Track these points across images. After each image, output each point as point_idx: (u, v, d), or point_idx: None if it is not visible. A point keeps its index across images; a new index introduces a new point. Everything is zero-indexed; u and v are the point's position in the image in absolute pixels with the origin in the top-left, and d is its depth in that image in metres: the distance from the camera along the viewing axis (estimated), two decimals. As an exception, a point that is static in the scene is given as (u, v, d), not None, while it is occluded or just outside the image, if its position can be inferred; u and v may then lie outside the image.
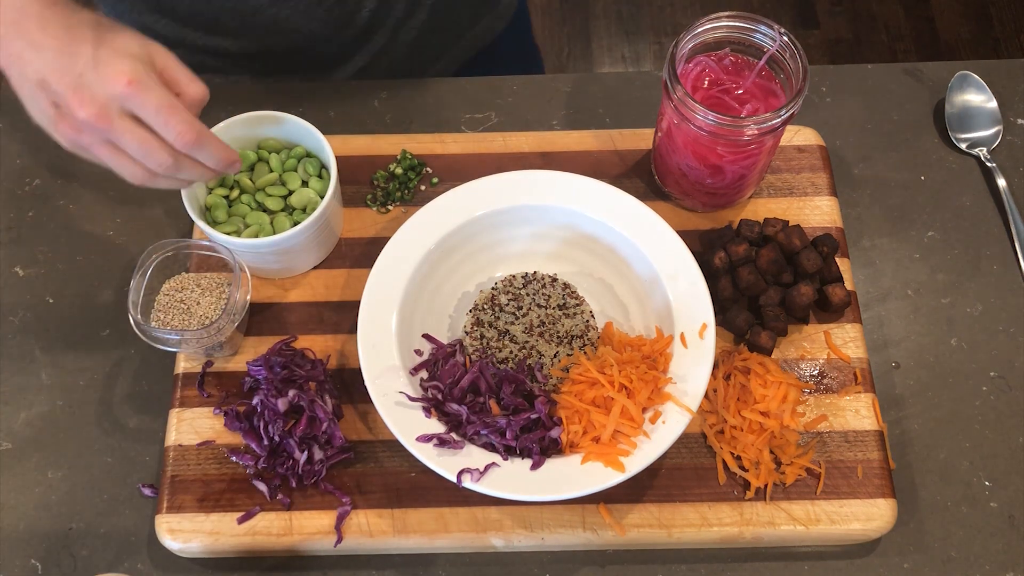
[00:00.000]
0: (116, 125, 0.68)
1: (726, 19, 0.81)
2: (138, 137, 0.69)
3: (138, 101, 0.68)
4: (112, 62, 0.68)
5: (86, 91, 0.67)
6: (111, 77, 0.67)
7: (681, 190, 0.88)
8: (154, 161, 0.70)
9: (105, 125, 0.68)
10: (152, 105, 0.68)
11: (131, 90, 0.67)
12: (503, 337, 0.81)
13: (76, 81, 0.67)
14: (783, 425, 0.78)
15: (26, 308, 0.88)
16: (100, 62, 0.68)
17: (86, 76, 0.67)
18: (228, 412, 0.79)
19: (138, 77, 0.68)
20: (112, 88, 0.67)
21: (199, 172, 0.73)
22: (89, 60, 0.68)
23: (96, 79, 0.67)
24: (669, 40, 2.19)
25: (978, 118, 0.96)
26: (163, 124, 0.69)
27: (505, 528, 0.76)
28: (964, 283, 0.89)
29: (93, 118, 0.67)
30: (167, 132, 0.69)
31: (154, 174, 0.72)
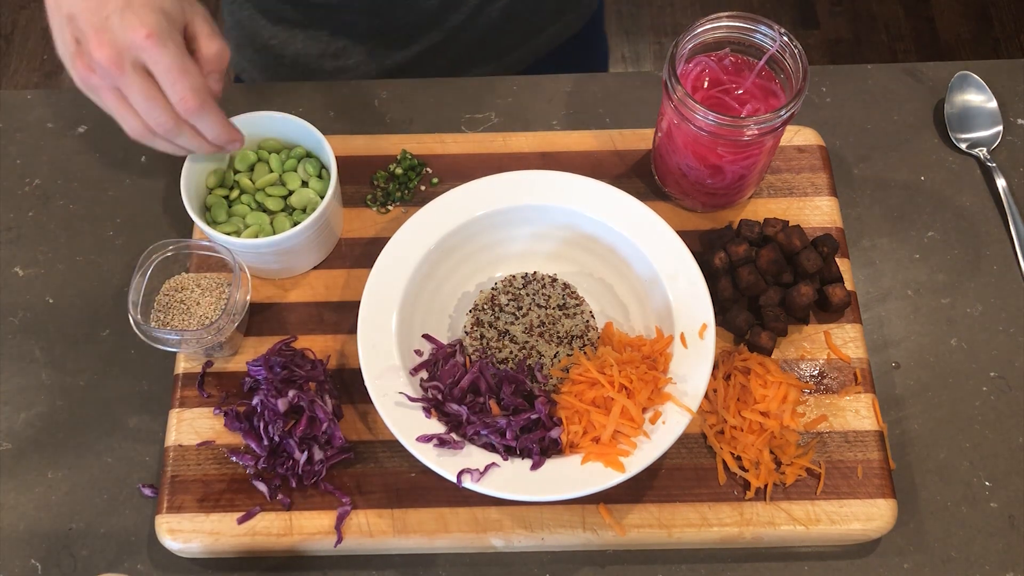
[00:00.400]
0: (127, 74, 0.69)
1: (726, 19, 0.81)
2: (144, 91, 0.69)
3: (152, 55, 0.68)
4: (139, 12, 0.69)
5: (107, 34, 0.68)
6: (133, 26, 0.68)
7: (681, 190, 0.88)
8: (154, 119, 0.70)
9: (117, 71, 0.68)
10: (164, 62, 0.69)
11: (148, 43, 0.68)
12: (503, 337, 0.81)
13: (101, 23, 0.68)
14: (783, 425, 0.78)
15: (26, 308, 0.88)
16: (128, 8, 0.68)
17: (112, 20, 0.68)
18: (228, 412, 0.79)
19: (158, 31, 0.69)
20: (131, 37, 0.68)
21: (197, 142, 0.74)
22: (119, 5, 0.68)
23: (119, 24, 0.68)
24: (669, 40, 2.19)
25: (978, 118, 0.96)
26: (170, 84, 0.69)
27: (505, 528, 0.76)
28: (964, 283, 0.89)
29: (107, 61, 0.68)
30: (172, 93, 0.70)
31: (153, 132, 0.72)
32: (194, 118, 0.71)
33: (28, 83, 2.17)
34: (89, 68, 0.70)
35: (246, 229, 0.82)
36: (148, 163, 0.94)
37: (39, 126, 0.97)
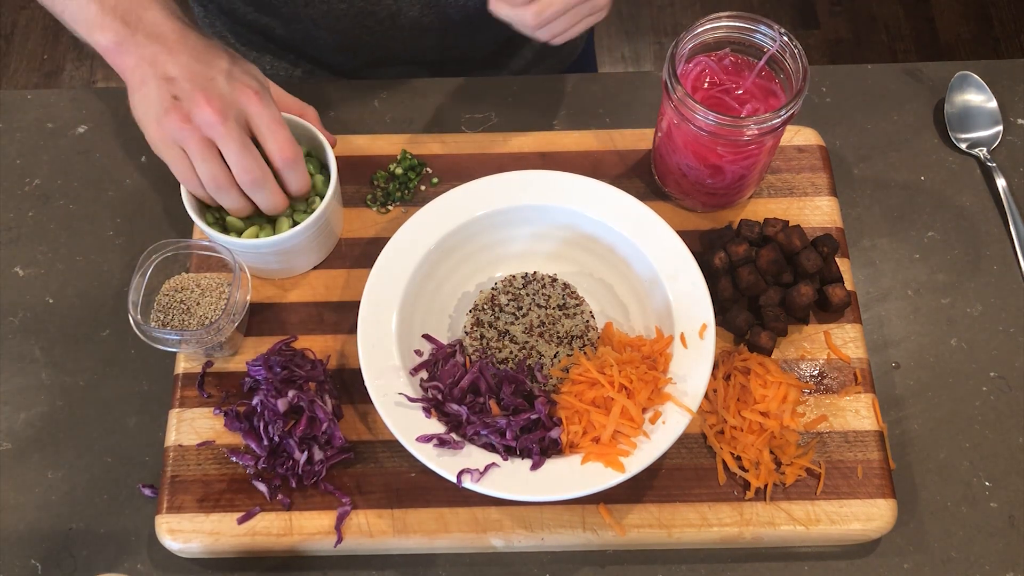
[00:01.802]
0: (229, 126, 0.74)
1: (726, 19, 0.81)
2: (242, 142, 0.74)
3: (258, 110, 0.75)
4: (244, 78, 0.76)
5: (215, 92, 0.74)
6: (240, 87, 0.75)
7: (681, 190, 0.88)
8: (246, 168, 0.75)
9: (220, 122, 0.73)
10: (268, 115, 0.76)
11: (255, 98, 0.75)
12: (503, 337, 0.81)
13: (208, 84, 0.74)
14: (783, 425, 0.78)
15: (26, 308, 0.88)
16: (234, 76, 0.76)
17: (218, 82, 0.74)
18: (228, 412, 0.79)
19: (263, 91, 0.76)
20: (241, 96, 0.75)
21: (274, 198, 0.78)
22: (225, 71, 0.75)
23: (226, 85, 0.75)
24: (669, 40, 2.19)
25: (978, 118, 0.96)
26: (272, 135, 0.76)
27: (505, 528, 0.76)
28: (964, 283, 0.89)
29: (214, 114, 0.73)
30: (273, 143, 0.76)
31: (226, 184, 0.76)
32: (289, 167, 0.77)
33: (28, 83, 2.17)
34: (184, 120, 0.73)
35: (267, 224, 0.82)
36: (148, 163, 0.94)
37: (39, 126, 0.97)
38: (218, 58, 0.76)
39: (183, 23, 0.77)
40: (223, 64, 0.76)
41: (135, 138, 0.76)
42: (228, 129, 0.74)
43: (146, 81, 0.75)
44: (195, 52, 0.75)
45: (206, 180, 0.75)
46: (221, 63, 0.76)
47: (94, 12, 0.76)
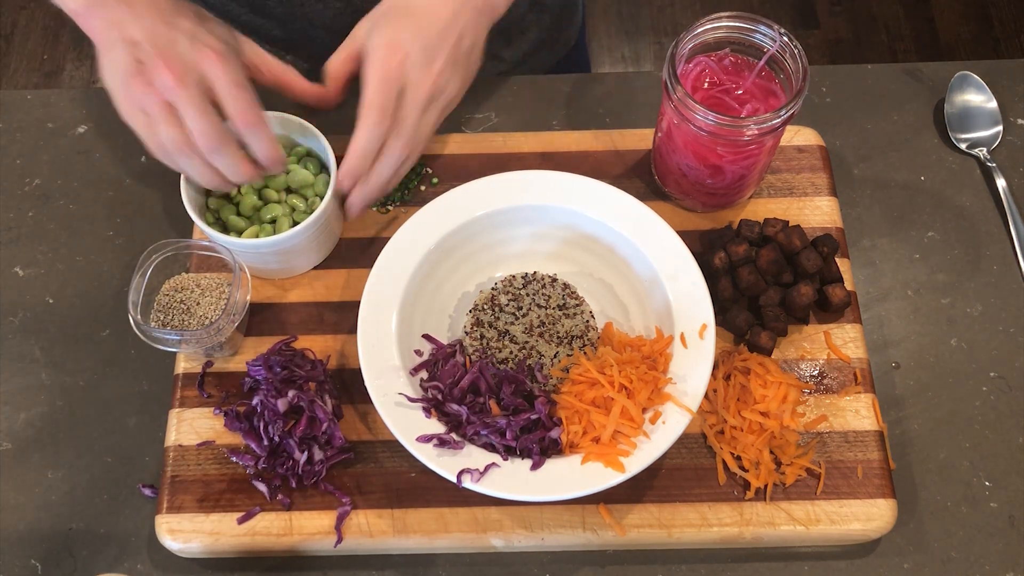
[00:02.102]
0: (188, 88, 0.72)
1: (726, 19, 0.81)
2: (200, 105, 0.73)
3: (218, 71, 0.73)
4: (209, 39, 0.74)
5: (176, 55, 0.73)
6: (201, 48, 0.73)
7: (681, 190, 0.88)
8: (202, 131, 0.73)
9: (179, 86, 0.72)
10: (228, 78, 0.74)
11: (217, 59, 0.73)
12: (503, 337, 0.81)
13: (169, 46, 0.73)
14: (783, 425, 0.78)
15: (26, 308, 0.88)
16: (197, 37, 0.74)
17: (180, 44, 0.73)
18: (228, 412, 0.79)
19: (225, 53, 0.74)
20: (202, 59, 0.73)
21: (235, 162, 0.75)
22: (188, 32, 0.74)
23: (188, 47, 0.73)
24: (669, 40, 2.19)
25: (978, 118, 0.96)
26: (232, 98, 0.74)
27: (505, 528, 0.76)
28: (964, 283, 0.89)
29: (172, 78, 0.72)
30: (232, 106, 0.74)
31: (186, 148, 0.74)
32: (249, 131, 0.75)
33: (28, 83, 2.17)
34: (147, 84, 0.73)
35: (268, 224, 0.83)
36: (148, 163, 0.94)
37: (39, 126, 0.97)
38: (183, 18, 0.75)
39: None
40: (187, 25, 0.74)
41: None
42: (187, 93, 0.72)
43: (112, 45, 0.74)
44: (160, 13, 0.74)
45: (166, 143, 0.74)
46: (185, 23, 0.74)
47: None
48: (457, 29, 0.79)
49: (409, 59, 0.77)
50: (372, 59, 0.77)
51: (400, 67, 0.77)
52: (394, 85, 0.77)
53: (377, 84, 0.76)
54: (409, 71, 0.77)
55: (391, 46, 0.77)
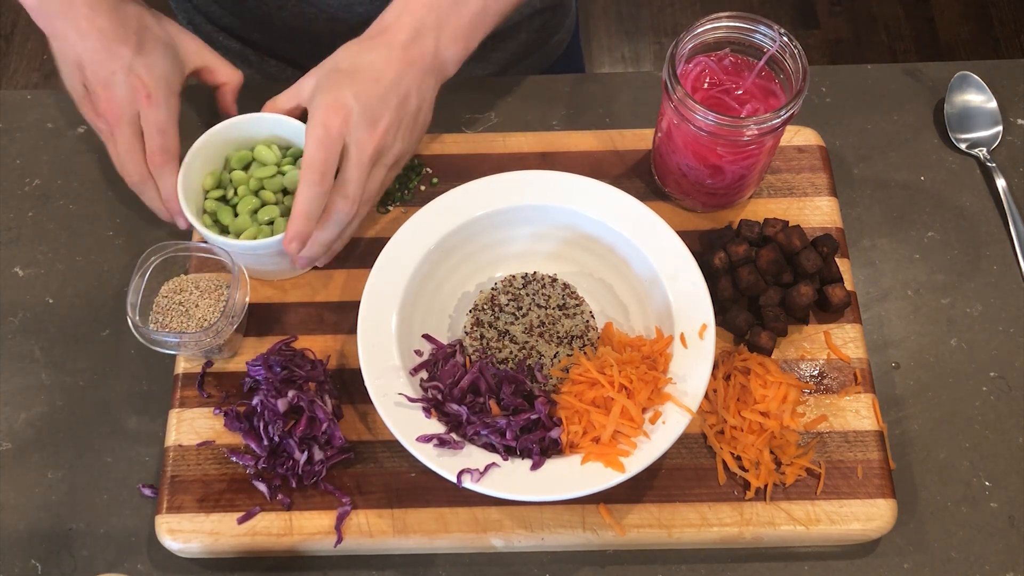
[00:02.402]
0: (121, 127, 0.79)
1: (726, 19, 0.81)
2: (127, 144, 0.79)
3: (146, 113, 0.79)
4: (143, 73, 0.79)
5: (113, 90, 0.78)
6: (136, 87, 0.78)
7: (681, 190, 0.88)
8: (125, 168, 0.80)
9: (115, 125, 0.79)
10: (153, 122, 0.79)
11: (146, 103, 0.78)
12: (503, 337, 0.81)
13: (108, 78, 0.78)
14: (783, 425, 0.78)
15: (26, 308, 0.88)
16: (134, 71, 0.78)
17: (117, 76, 0.78)
18: (228, 412, 0.79)
19: (156, 94, 0.79)
20: (135, 98, 0.78)
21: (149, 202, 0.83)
22: (125, 65, 0.78)
23: (124, 83, 0.78)
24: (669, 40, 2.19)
25: (978, 118, 0.96)
26: (149, 138, 0.79)
27: (505, 528, 0.76)
28: (964, 283, 0.89)
29: (110, 116, 0.78)
30: (149, 148, 0.80)
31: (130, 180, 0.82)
32: (156, 172, 0.80)
33: (28, 83, 2.17)
34: (95, 114, 0.81)
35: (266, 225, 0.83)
36: (148, 163, 0.94)
37: (39, 126, 0.97)
38: (122, 45, 0.78)
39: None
40: (126, 55, 0.78)
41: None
42: (119, 132, 0.79)
43: (63, 58, 0.80)
44: (102, 35, 0.78)
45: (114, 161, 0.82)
46: (124, 53, 0.78)
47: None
48: (402, 90, 0.78)
49: (351, 119, 0.75)
50: (313, 119, 0.75)
51: (342, 127, 0.75)
52: (335, 145, 0.75)
53: (316, 144, 0.74)
54: (351, 131, 0.75)
55: (333, 106, 0.75)
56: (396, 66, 0.78)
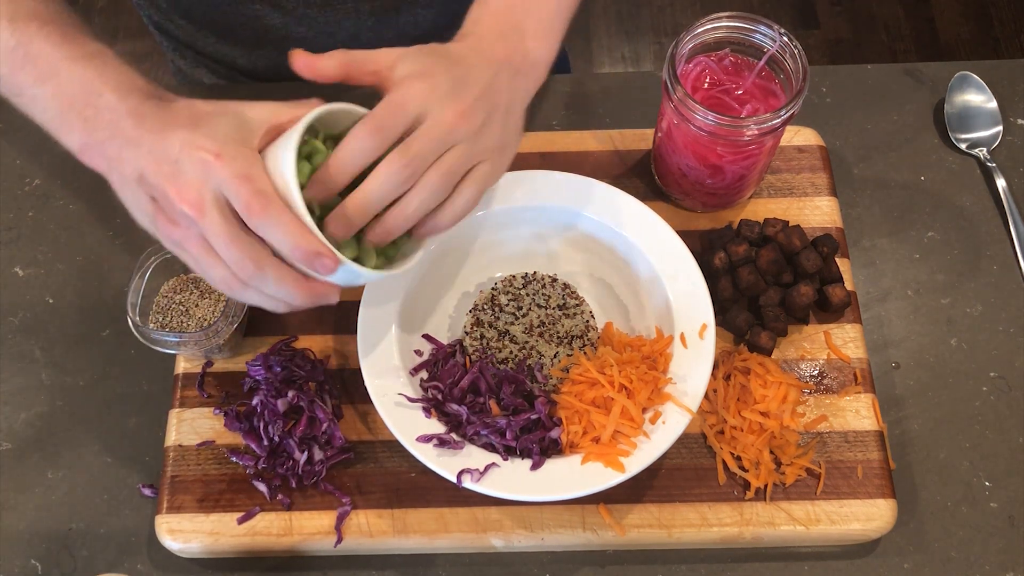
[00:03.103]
0: (207, 214, 0.61)
1: (726, 19, 0.81)
2: (227, 233, 0.61)
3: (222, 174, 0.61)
4: (204, 142, 0.62)
5: (182, 177, 0.61)
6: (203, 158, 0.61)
7: (681, 190, 0.88)
8: (235, 261, 0.62)
9: (199, 216, 0.61)
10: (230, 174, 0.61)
11: (217, 162, 0.61)
12: (503, 337, 0.81)
13: (172, 169, 0.62)
14: (783, 425, 0.78)
15: (26, 308, 0.88)
16: (194, 145, 0.62)
17: (181, 164, 0.62)
18: (228, 412, 0.79)
19: (226, 150, 0.62)
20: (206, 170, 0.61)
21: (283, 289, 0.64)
22: (184, 143, 0.62)
23: (190, 165, 0.61)
24: (669, 40, 2.19)
25: (978, 118, 0.96)
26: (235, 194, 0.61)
27: (505, 528, 0.76)
28: (964, 283, 0.89)
29: (189, 208, 0.61)
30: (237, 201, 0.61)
31: (238, 284, 0.64)
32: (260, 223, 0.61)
33: (28, 83, 2.16)
34: (173, 222, 0.63)
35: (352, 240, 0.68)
36: (148, 163, 0.94)
37: (39, 126, 0.97)
38: (177, 129, 0.63)
39: (140, 95, 0.66)
40: (183, 136, 0.62)
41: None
42: (208, 220, 0.61)
43: (123, 185, 0.65)
44: (154, 134, 0.63)
45: (216, 284, 0.65)
46: (180, 136, 0.62)
47: (55, 111, 0.68)
48: (494, 83, 0.68)
49: (436, 91, 0.65)
50: (395, 87, 0.66)
51: (422, 97, 0.65)
52: (406, 111, 0.64)
53: (385, 103, 0.64)
54: (433, 102, 0.65)
55: (418, 74, 0.66)
56: (487, 62, 0.69)
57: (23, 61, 0.68)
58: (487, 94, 0.68)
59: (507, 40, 0.72)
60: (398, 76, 0.66)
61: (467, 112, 0.66)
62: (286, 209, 0.61)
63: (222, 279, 0.64)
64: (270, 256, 0.62)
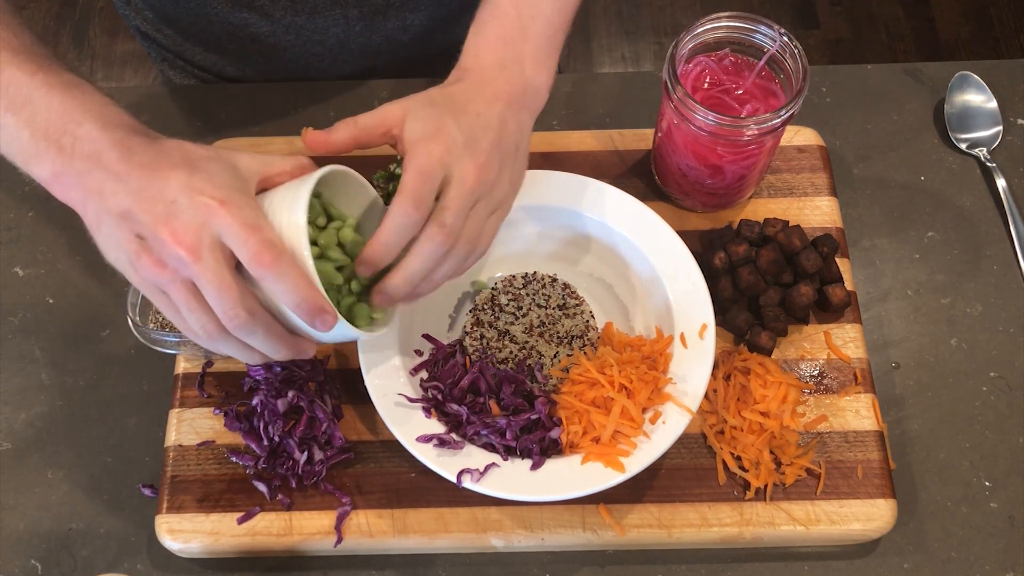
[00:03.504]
0: (202, 258, 0.59)
1: (726, 19, 0.81)
2: (221, 281, 0.60)
3: (227, 220, 0.60)
4: (207, 187, 0.60)
5: (179, 219, 0.59)
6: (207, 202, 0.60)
7: (681, 190, 0.88)
8: (226, 311, 0.60)
9: (193, 260, 0.59)
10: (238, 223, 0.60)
11: (223, 208, 0.60)
12: (503, 337, 0.81)
13: (167, 209, 0.60)
14: (783, 425, 0.78)
15: (26, 308, 0.88)
16: (194, 189, 0.60)
17: (179, 205, 0.60)
18: (228, 412, 0.79)
19: (232, 199, 0.60)
20: (208, 215, 0.60)
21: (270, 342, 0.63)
22: (183, 186, 0.60)
23: (190, 208, 0.59)
24: (669, 40, 2.19)
25: (978, 118, 0.96)
26: (242, 242, 0.59)
27: (505, 528, 0.76)
28: (964, 283, 0.89)
29: (183, 251, 0.59)
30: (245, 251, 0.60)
31: (221, 333, 0.63)
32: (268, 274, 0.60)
33: (28, 83, 2.16)
34: (159, 264, 0.60)
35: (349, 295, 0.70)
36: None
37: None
38: (173, 169, 0.61)
39: (125, 128, 0.63)
40: (180, 178, 0.60)
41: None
42: (203, 267, 0.59)
43: (101, 219, 0.62)
44: (144, 170, 0.61)
45: (197, 331, 0.63)
46: (177, 177, 0.60)
47: (26, 139, 0.63)
48: (502, 126, 0.70)
49: (454, 149, 0.67)
50: (414, 148, 0.66)
51: (444, 156, 0.66)
52: (436, 174, 0.66)
53: (416, 171, 0.65)
54: (454, 161, 0.67)
55: (435, 134, 0.67)
56: (492, 103, 0.71)
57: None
58: (498, 139, 0.70)
59: (507, 71, 0.73)
60: (411, 138, 0.67)
61: (484, 165, 0.68)
62: (295, 262, 0.61)
63: (202, 327, 0.62)
64: (261, 307, 0.62)
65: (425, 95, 0.71)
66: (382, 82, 0.99)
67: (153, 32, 1.05)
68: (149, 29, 1.05)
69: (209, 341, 0.63)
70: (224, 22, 0.96)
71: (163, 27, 1.03)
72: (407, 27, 1.01)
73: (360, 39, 1.00)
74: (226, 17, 0.95)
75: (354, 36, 0.99)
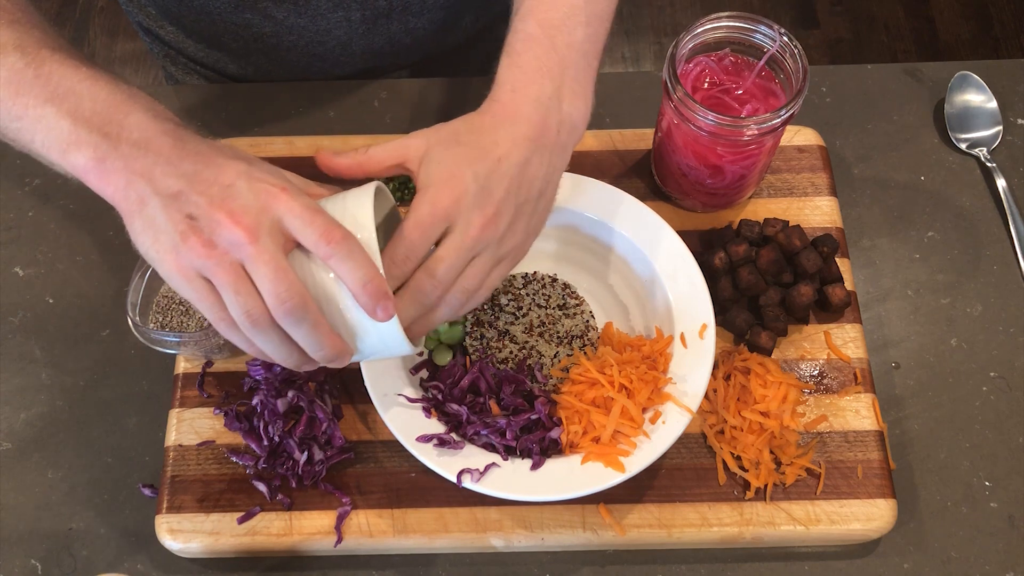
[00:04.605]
0: (262, 243, 0.58)
1: (726, 19, 0.81)
2: (278, 266, 0.59)
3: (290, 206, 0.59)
4: (267, 177, 0.61)
5: (237, 201, 0.59)
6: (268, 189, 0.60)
7: (681, 190, 0.88)
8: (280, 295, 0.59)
9: (250, 241, 0.58)
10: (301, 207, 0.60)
11: (287, 197, 0.60)
12: (503, 337, 0.81)
13: (224, 191, 0.59)
14: (783, 425, 0.78)
15: (26, 308, 0.88)
16: (254, 177, 0.60)
17: (238, 188, 0.59)
18: (228, 412, 0.79)
19: (291, 187, 0.61)
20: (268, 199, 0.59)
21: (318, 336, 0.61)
22: (241, 172, 0.60)
23: (249, 192, 0.59)
24: (669, 40, 2.19)
25: (978, 118, 0.96)
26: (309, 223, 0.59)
27: (505, 528, 0.76)
28: (964, 283, 0.89)
29: (242, 232, 0.58)
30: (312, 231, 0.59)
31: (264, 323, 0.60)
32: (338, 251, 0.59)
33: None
34: (208, 245, 0.59)
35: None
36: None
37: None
38: (228, 160, 0.61)
39: (173, 122, 0.63)
40: (238, 167, 0.61)
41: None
42: (260, 248, 0.58)
43: (145, 201, 0.60)
44: (199, 156, 0.61)
45: (239, 317, 0.60)
46: (234, 166, 0.61)
47: (66, 128, 0.61)
48: (527, 174, 0.67)
49: (464, 200, 0.64)
50: (423, 194, 0.64)
51: (451, 208, 0.64)
52: (435, 227, 0.64)
53: (414, 223, 0.63)
54: (462, 212, 0.64)
55: (448, 182, 0.64)
56: (520, 145, 0.67)
57: (31, 82, 0.62)
58: (517, 188, 0.67)
59: (543, 107, 0.69)
60: (424, 182, 0.65)
61: (493, 217, 0.65)
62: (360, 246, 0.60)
63: (246, 312, 0.60)
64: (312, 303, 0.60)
65: (451, 131, 0.68)
66: (382, 82, 0.99)
67: (155, 28, 1.05)
68: (151, 25, 1.05)
69: (252, 328, 0.61)
70: (227, 21, 0.96)
71: (165, 23, 1.03)
72: (409, 30, 1.01)
73: (363, 41, 1.00)
74: (229, 17, 0.95)
75: (356, 38, 0.99)
